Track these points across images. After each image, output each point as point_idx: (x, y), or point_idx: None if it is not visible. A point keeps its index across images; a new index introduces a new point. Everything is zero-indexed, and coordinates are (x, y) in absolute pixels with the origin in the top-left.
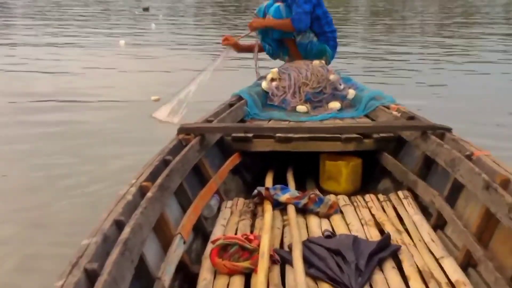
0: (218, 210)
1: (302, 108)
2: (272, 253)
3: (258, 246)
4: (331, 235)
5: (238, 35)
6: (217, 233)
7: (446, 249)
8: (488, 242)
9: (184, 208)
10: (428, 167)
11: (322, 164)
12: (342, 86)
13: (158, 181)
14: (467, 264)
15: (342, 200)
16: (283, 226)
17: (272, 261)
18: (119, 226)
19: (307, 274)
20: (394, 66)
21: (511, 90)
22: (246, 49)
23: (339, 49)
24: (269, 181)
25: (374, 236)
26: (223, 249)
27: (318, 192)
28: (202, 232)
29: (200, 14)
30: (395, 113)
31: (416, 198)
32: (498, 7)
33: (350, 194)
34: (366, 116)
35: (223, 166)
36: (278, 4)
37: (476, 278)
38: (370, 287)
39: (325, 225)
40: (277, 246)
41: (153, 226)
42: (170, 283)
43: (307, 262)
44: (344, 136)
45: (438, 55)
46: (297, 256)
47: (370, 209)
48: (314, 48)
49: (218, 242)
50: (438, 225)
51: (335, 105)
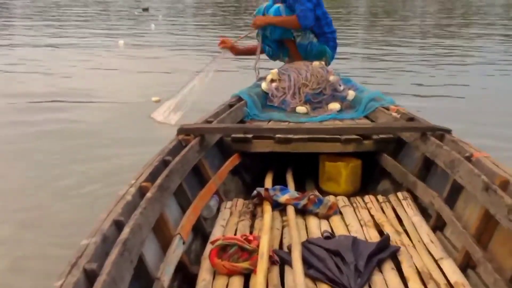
0: (218, 210)
1: (301, 109)
2: (271, 253)
3: (258, 246)
4: (331, 236)
5: (238, 36)
6: (216, 233)
7: (445, 250)
8: (487, 243)
9: (183, 208)
10: (427, 168)
11: (322, 165)
12: (341, 87)
13: (158, 181)
14: (466, 265)
15: (342, 201)
16: (283, 227)
17: (271, 261)
18: (119, 226)
19: (306, 275)
20: (393, 67)
21: (511, 91)
22: (244, 52)
23: (339, 50)
24: (268, 182)
25: (374, 237)
26: (223, 249)
27: (317, 193)
28: (201, 232)
29: (199, 15)
30: (395, 114)
31: (415, 199)
32: (498, 8)
33: (350, 195)
34: (366, 117)
35: (223, 167)
36: (278, 5)
37: (475, 280)
38: None
39: (324, 226)
40: (276, 246)
41: (152, 226)
42: (169, 284)
43: (306, 263)
44: (343, 137)
45: (437, 56)
46: (296, 257)
47: (369, 210)
48: (314, 49)
49: (218, 243)
50: (438, 226)
51: (335, 106)
